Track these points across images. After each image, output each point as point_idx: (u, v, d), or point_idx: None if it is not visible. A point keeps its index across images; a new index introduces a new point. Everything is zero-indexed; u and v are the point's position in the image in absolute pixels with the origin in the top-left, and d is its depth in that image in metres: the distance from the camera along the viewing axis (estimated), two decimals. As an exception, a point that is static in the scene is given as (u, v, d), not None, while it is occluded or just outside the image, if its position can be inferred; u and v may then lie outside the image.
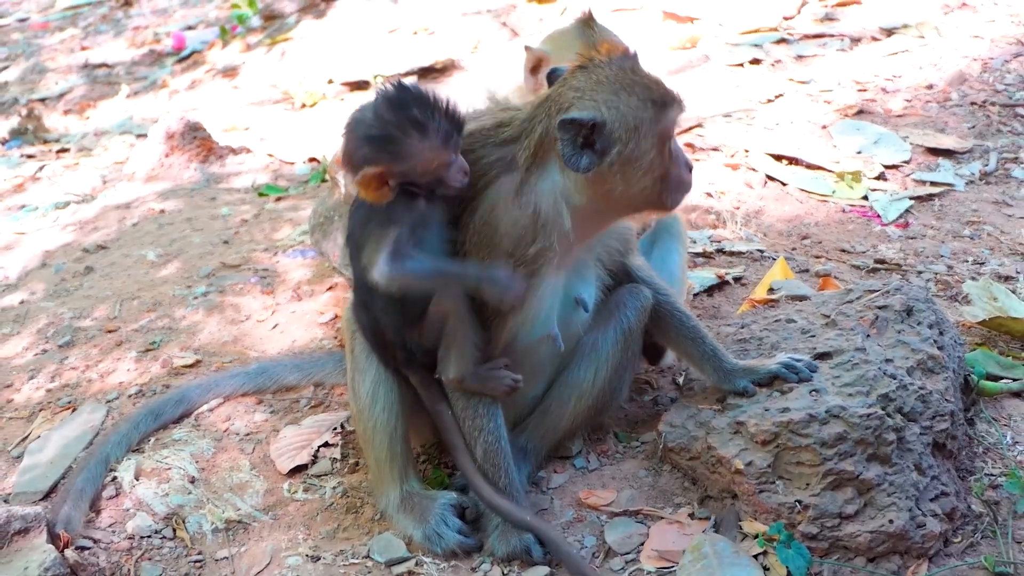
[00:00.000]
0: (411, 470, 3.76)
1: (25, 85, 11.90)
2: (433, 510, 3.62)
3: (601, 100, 3.25)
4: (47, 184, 8.32)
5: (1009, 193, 5.90)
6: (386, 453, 3.70)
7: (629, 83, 3.28)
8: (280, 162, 7.82)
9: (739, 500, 3.51)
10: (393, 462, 3.71)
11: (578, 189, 3.33)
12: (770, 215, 5.61)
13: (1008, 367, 4.11)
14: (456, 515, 3.62)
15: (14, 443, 4.44)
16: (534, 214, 3.33)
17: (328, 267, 5.49)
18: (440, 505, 3.64)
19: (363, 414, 3.72)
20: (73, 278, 6.00)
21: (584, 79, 3.30)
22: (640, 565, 3.40)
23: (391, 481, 3.71)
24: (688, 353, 3.81)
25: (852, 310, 3.85)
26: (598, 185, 3.32)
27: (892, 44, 7.92)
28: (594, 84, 3.27)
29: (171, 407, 4.38)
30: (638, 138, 3.25)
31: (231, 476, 4.07)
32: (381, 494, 3.75)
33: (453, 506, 3.64)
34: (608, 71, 3.30)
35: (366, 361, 3.71)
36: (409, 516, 3.66)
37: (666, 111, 3.30)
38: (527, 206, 3.34)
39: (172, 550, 3.73)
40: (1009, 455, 3.68)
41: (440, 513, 3.61)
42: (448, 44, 9.69)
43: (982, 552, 3.32)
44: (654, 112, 3.27)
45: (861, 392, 3.43)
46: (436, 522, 3.59)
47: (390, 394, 3.68)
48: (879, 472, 3.31)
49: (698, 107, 6.97)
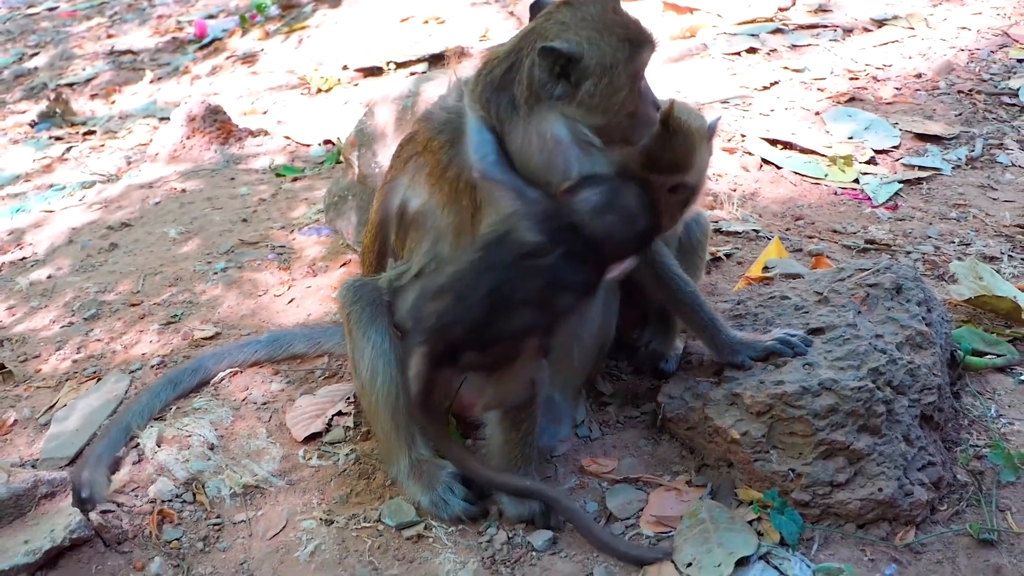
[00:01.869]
0: (418, 437, 3.71)
1: (54, 71, 11.87)
2: (440, 477, 3.60)
3: (584, 36, 3.21)
4: (74, 165, 8.31)
5: (994, 177, 5.86)
6: (391, 424, 3.67)
7: (610, 22, 3.25)
8: (296, 144, 7.78)
9: (735, 468, 3.49)
10: (399, 432, 3.67)
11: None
12: (765, 197, 5.58)
13: (992, 343, 4.09)
14: (462, 483, 3.59)
15: (41, 411, 4.43)
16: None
17: (342, 244, 5.46)
18: (447, 473, 3.61)
19: (366, 388, 3.68)
20: (98, 254, 5.98)
21: (569, 14, 3.26)
22: (640, 529, 3.39)
23: (400, 450, 3.68)
24: (689, 321, 3.74)
25: (844, 288, 3.82)
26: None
27: (883, 35, 7.88)
28: (579, 20, 3.24)
29: (188, 376, 4.36)
30: (612, 75, 3.22)
31: (249, 443, 4.05)
32: (391, 463, 3.73)
33: (459, 475, 3.61)
34: (592, 9, 3.26)
35: (363, 338, 3.65)
36: (417, 482, 3.64)
37: (640, 51, 3.28)
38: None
39: (192, 513, 3.72)
40: (993, 427, 3.66)
41: (447, 480, 3.59)
42: (458, 33, 9.64)
43: (967, 520, 3.31)
44: (630, 52, 3.24)
45: (852, 366, 3.40)
46: (443, 489, 3.57)
47: (389, 366, 3.62)
48: (869, 442, 3.29)
49: (697, 94, 6.93)
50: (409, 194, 3.61)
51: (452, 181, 3.44)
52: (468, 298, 3.17)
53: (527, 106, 3.30)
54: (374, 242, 3.90)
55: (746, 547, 3.19)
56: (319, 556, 3.48)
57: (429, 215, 3.55)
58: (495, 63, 3.39)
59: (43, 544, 3.43)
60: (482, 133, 3.34)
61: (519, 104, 3.31)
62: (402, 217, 3.67)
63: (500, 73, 3.36)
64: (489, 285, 3.15)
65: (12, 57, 12.69)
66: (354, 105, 8.42)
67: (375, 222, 3.86)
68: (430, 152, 3.51)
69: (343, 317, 3.77)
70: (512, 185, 3.29)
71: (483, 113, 3.35)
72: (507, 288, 3.15)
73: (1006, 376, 3.94)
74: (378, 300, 3.70)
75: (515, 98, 3.31)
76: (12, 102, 11.05)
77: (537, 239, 3.19)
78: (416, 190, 3.57)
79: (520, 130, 3.33)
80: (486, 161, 3.31)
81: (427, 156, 3.52)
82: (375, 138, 5.22)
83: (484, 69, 3.41)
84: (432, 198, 3.51)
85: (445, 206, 3.49)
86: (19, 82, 11.72)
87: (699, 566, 3.16)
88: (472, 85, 3.43)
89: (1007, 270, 4.80)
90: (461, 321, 3.16)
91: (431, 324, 3.21)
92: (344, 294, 3.76)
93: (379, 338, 3.64)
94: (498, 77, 3.36)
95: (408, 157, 3.63)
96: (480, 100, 3.37)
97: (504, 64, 3.36)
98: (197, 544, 3.60)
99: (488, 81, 3.37)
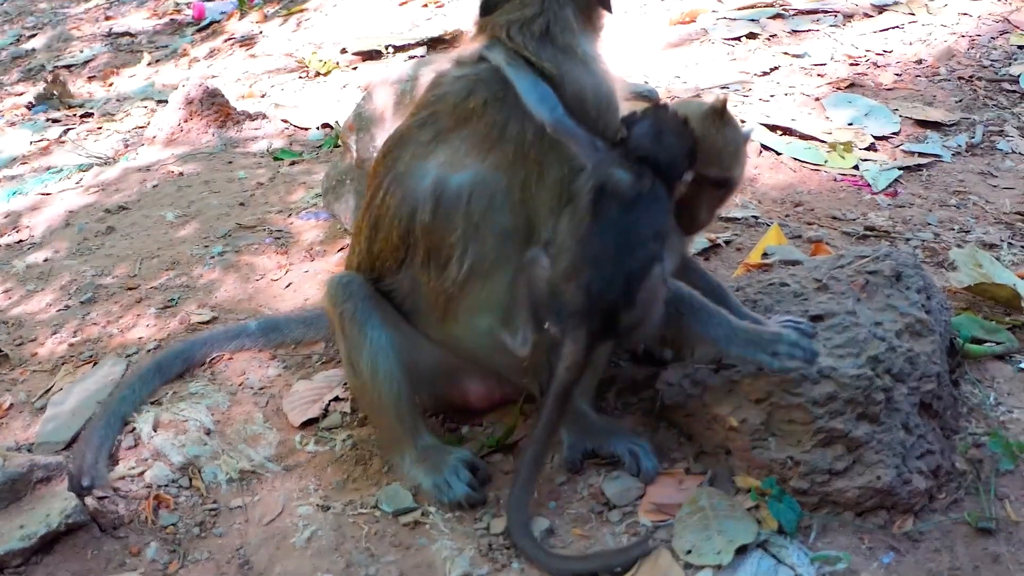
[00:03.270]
0: (421, 425, 3.69)
1: (51, 52, 11.82)
2: (447, 462, 3.57)
3: None
4: (71, 147, 8.27)
5: (994, 164, 5.83)
6: (395, 417, 3.62)
7: None
8: (295, 128, 7.74)
9: (733, 456, 3.47)
10: (403, 424, 3.63)
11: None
12: (764, 183, 5.55)
13: (992, 331, 4.07)
14: (468, 468, 3.58)
15: (37, 395, 4.42)
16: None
17: (340, 229, 5.44)
18: (455, 458, 3.59)
19: (366, 387, 3.60)
20: (95, 237, 5.96)
21: None
22: (637, 518, 3.36)
23: (405, 441, 3.65)
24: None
25: (843, 275, 3.79)
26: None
27: (883, 20, 7.83)
28: None
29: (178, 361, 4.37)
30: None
31: (245, 428, 4.04)
32: (395, 454, 3.69)
33: (466, 462, 3.59)
34: None
35: (360, 335, 3.54)
36: (422, 466, 3.60)
37: None
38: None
39: (188, 499, 3.71)
40: (992, 415, 3.64)
41: (453, 465, 3.56)
42: (457, 16, 9.59)
43: (965, 508, 3.29)
44: None
45: (851, 354, 3.38)
46: (448, 473, 3.54)
47: (388, 360, 3.54)
48: (868, 430, 3.27)
49: (696, 79, 6.90)
50: (446, 171, 3.42)
51: (516, 139, 3.35)
52: (603, 260, 3.20)
53: (579, 45, 3.33)
54: (403, 237, 3.54)
55: (746, 535, 3.18)
56: (316, 542, 3.46)
57: (484, 184, 3.40)
58: (516, 16, 3.37)
59: (39, 529, 3.43)
60: (539, 84, 3.29)
61: (570, 45, 3.33)
62: (439, 199, 3.44)
63: (530, 18, 3.35)
64: (615, 240, 3.21)
65: (9, 39, 12.62)
66: (352, 89, 8.38)
67: (403, 215, 3.52)
68: (469, 119, 3.39)
69: (334, 316, 3.63)
70: (585, 136, 3.28)
71: (532, 61, 3.32)
72: (626, 235, 3.22)
73: (1005, 364, 3.92)
74: (371, 295, 3.61)
75: (562, 40, 3.33)
76: (9, 84, 11.00)
77: (628, 180, 3.26)
78: (460, 163, 3.41)
79: (578, 72, 3.32)
80: (556, 113, 3.26)
81: (470, 124, 3.39)
82: (373, 122, 5.19)
83: (508, 24, 3.38)
84: (485, 163, 3.38)
85: (509, 168, 3.37)
86: (16, 64, 11.67)
87: (698, 553, 3.15)
88: (500, 39, 3.38)
89: (1007, 257, 4.77)
90: (609, 282, 3.19)
91: (582, 301, 3.20)
92: (334, 292, 3.63)
93: (376, 333, 3.55)
94: (533, 24, 3.35)
95: (430, 139, 3.47)
96: (524, 49, 3.33)
97: (530, 11, 3.36)
98: (193, 529, 3.59)
99: (526, 31, 3.35)
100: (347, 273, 3.75)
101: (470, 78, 3.43)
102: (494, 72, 3.38)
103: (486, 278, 3.51)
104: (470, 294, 3.54)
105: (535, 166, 3.36)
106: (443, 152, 3.44)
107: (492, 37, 3.43)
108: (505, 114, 3.34)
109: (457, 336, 3.67)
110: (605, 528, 3.36)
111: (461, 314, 3.59)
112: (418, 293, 3.62)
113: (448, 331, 3.66)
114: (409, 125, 3.59)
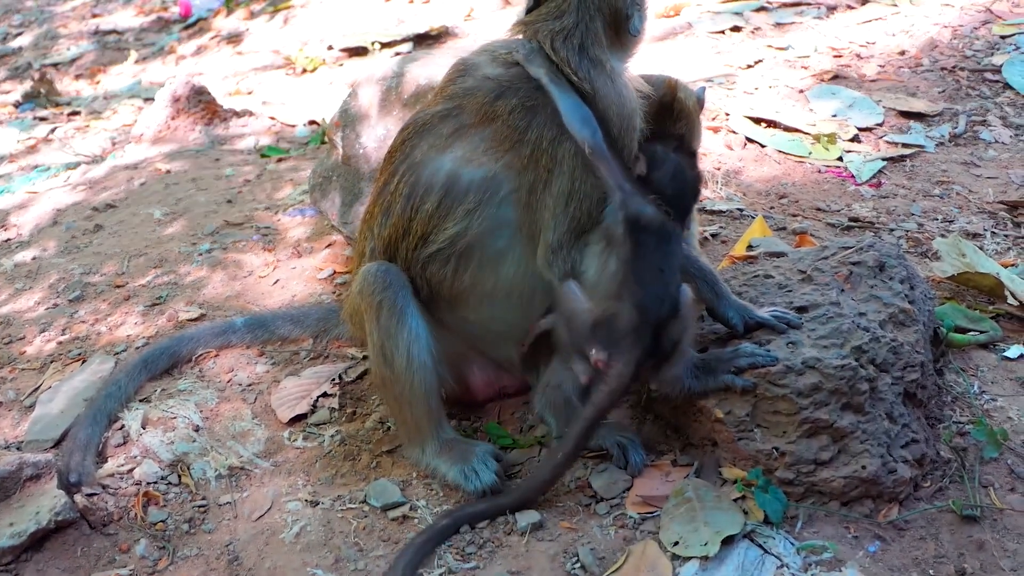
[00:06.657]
0: (444, 420, 3.71)
1: (38, 51, 11.77)
2: (475, 452, 3.59)
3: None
4: (58, 146, 8.24)
5: (977, 154, 5.84)
6: (425, 409, 3.62)
7: None
8: (282, 125, 7.73)
9: (719, 447, 3.47)
10: (430, 417, 3.64)
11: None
12: (749, 175, 5.55)
13: (975, 320, 4.08)
14: (495, 458, 3.60)
15: (26, 393, 4.40)
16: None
17: (327, 225, 5.42)
18: (483, 450, 3.61)
19: (398, 377, 3.56)
20: (83, 235, 5.93)
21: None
22: (624, 510, 3.37)
23: (428, 433, 3.65)
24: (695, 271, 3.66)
25: (827, 266, 3.79)
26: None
27: (866, 12, 7.83)
28: None
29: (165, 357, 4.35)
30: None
31: (234, 425, 4.03)
32: (416, 445, 3.69)
33: (493, 454, 3.62)
34: None
35: (398, 323, 3.52)
36: (445, 456, 3.62)
37: None
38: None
39: (177, 495, 3.70)
40: (976, 404, 3.65)
41: (482, 456, 3.58)
42: (443, 12, 9.57)
43: (950, 496, 3.30)
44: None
45: (836, 344, 3.38)
46: (476, 462, 3.55)
47: (422, 352, 3.55)
48: (852, 420, 3.28)
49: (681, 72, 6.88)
50: (460, 165, 3.47)
51: (533, 144, 3.40)
52: (652, 281, 3.29)
53: (608, 60, 3.38)
54: (411, 222, 3.57)
55: (732, 525, 3.19)
56: (304, 537, 3.46)
57: (495, 181, 3.46)
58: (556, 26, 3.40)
59: (28, 526, 3.42)
60: (581, 106, 3.34)
61: (600, 59, 3.38)
62: (449, 189, 3.49)
63: (570, 29, 3.38)
64: (658, 264, 3.32)
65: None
66: (339, 85, 8.36)
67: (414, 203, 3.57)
68: (494, 119, 3.43)
69: (371, 305, 3.56)
70: (616, 167, 3.33)
71: (572, 80, 3.36)
72: (666, 260, 3.35)
73: (989, 353, 3.93)
74: (407, 284, 3.59)
75: (593, 53, 3.38)
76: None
77: (658, 218, 3.36)
78: (476, 160, 3.46)
79: (608, 88, 3.36)
80: (597, 137, 3.31)
81: (493, 125, 3.43)
82: (359, 119, 5.17)
83: (551, 34, 3.40)
84: (499, 163, 3.44)
85: (522, 170, 3.43)
86: (3, 62, 11.62)
87: (685, 544, 3.15)
88: (545, 50, 3.41)
89: (990, 247, 4.78)
90: (660, 299, 3.28)
91: (636, 318, 3.24)
92: (372, 280, 3.57)
93: (415, 322, 3.54)
94: (572, 36, 3.38)
95: (450, 133, 3.51)
96: (567, 65, 3.37)
97: (569, 20, 3.39)
98: (182, 526, 3.59)
99: (569, 45, 3.38)
100: (382, 262, 3.65)
101: (502, 81, 3.46)
102: (527, 79, 3.42)
103: (485, 269, 3.56)
104: (469, 284, 3.59)
105: (545, 173, 3.40)
106: (461, 147, 3.49)
107: (534, 41, 3.45)
108: (528, 119, 3.40)
109: (467, 320, 3.72)
110: (593, 521, 3.36)
111: (461, 303, 3.65)
112: (426, 280, 3.63)
113: (458, 315, 3.71)
114: (432, 114, 3.59)
